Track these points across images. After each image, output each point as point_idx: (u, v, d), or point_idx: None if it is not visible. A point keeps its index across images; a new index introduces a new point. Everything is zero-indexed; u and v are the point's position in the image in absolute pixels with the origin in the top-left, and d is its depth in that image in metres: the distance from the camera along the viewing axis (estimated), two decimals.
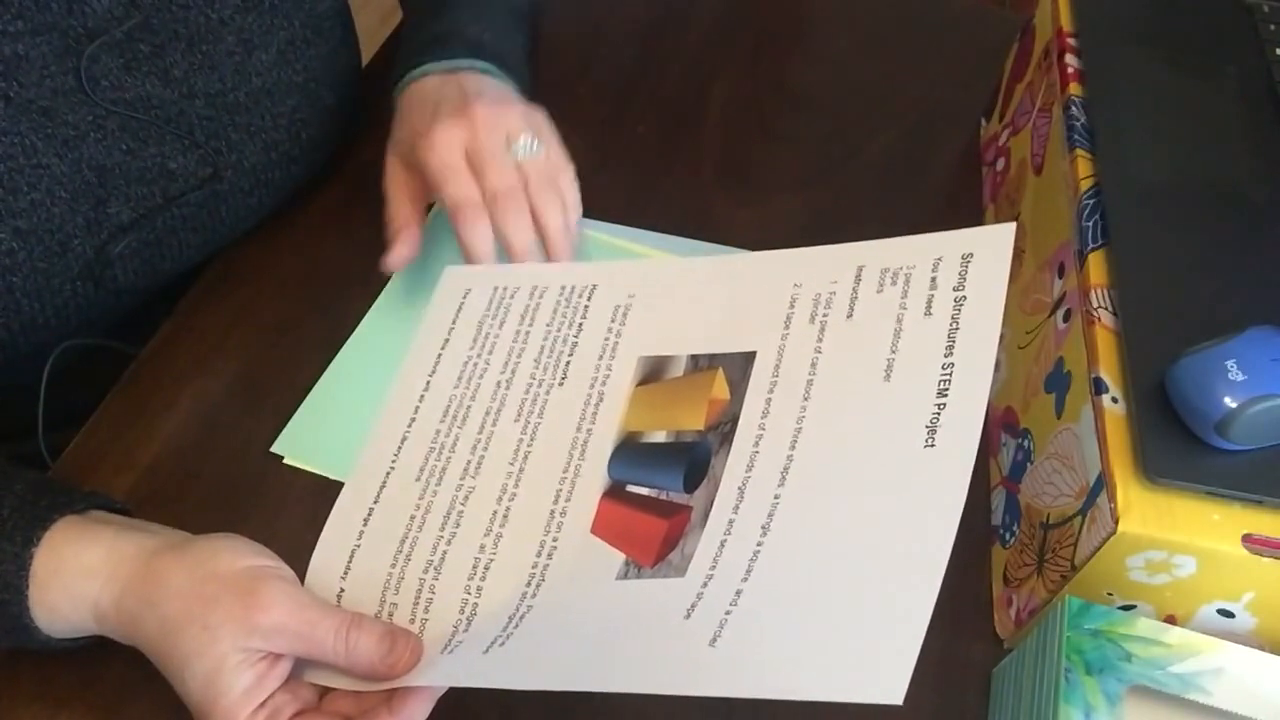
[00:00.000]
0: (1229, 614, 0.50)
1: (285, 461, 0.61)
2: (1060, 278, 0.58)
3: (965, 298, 0.50)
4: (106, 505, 0.53)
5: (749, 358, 0.54)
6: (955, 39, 0.88)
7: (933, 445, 0.46)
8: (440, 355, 0.61)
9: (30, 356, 0.62)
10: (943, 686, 0.55)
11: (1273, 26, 0.67)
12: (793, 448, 0.49)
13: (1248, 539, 0.47)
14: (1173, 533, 0.47)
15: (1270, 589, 0.48)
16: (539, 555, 0.52)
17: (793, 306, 0.55)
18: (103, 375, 0.64)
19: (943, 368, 0.48)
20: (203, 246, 0.67)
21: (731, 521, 0.48)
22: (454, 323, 0.62)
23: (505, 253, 0.63)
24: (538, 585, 0.51)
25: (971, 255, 0.51)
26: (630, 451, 0.54)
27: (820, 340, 0.53)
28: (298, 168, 0.69)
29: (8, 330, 0.60)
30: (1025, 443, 0.58)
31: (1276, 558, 0.46)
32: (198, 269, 0.69)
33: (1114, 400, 0.50)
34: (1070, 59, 0.64)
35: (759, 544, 0.47)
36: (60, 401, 0.62)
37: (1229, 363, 0.47)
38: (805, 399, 0.51)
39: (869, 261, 0.54)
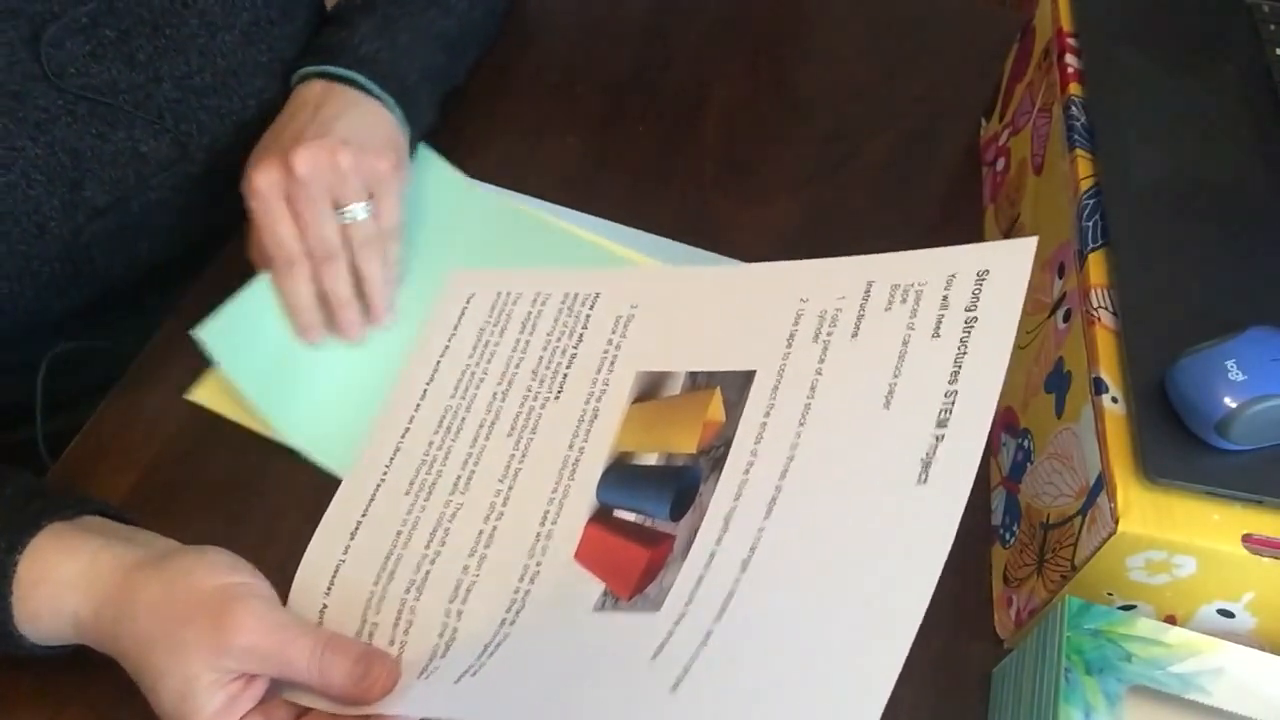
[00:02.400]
0: (1229, 614, 0.50)
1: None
2: (1060, 278, 0.58)
3: (976, 319, 0.48)
4: (99, 510, 0.53)
5: (748, 377, 0.53)
6: (955, 39, 0.88)
7: (925, 482, 0.44)
8: (439, 362, 0.61)
9: (15, 342, 0.62)
10: (943, 686, 0.55)
11: (1273, 26, 0.67)
12: (783, 478, 0.48)
13: (1248, 539, 0.47)
14: (1173, 533, 0.47)
15: (1270, 589, 0.48)
16: (521, 580, 0.51)
17: (797, 323, 0.53)
18: (97, 369, 0.65)
19: (945, 395, 0.46)
20: (178, 229, 0.68)
21: (713, 554, 0.47)
22: (455, 329, 0.62)
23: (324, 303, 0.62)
24: (517, 612, 0.50)
25: (987, 272, 0.49)
26: (620, 474, 0.53)
27: (822, 361, 0.51)
28: None
29: None
30: (1025, 443, 0.58)
31: (1276, 558, 0.46)
32: (179, 259, 0.69)
33: (1114, 400, 0.50)
34: (1070, 59, 0.64)
35: (736, 580, 0.45)
36: (52, 393, 0.62)
37: (1229, 363, 0.47)
38: (801, 424, 0.49)
39: (879, 276, 0.53)
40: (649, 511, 0.51)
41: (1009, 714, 0.52)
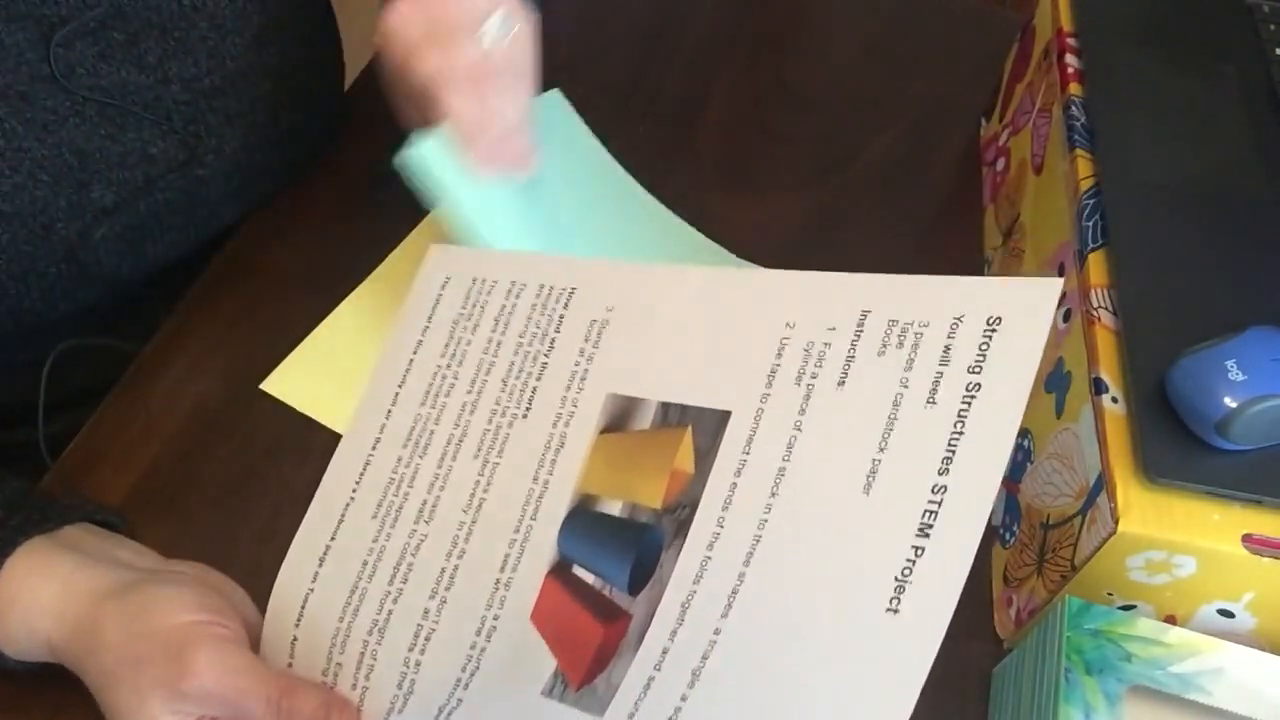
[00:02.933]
0: (1229, 614, 0.50)
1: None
2: (1060, 278, 0.58)
3: (980, 387, 0.42)
4: (85, 517, 0.53)
5: (722, 419, 0.48)
6: (955, 39, 0.88)
7: (896, 610, 0.40)
8: (412, 361, 0.59)
9: (19, 342, 0.62)
10: (943, 686, 0.55)
11: (1273, 26, 0.67)
12: (746, 564, 0.44)
13: (1248, 539, 0.47)
14: (1173, 533, 0.47)
15: (1270, 589, 0.48)
16: (478, 635, 0.50)
17: (780, 357, 0.48)
18: (99, 368, 0.65)
19: (933, 490, 0.41)
20: (185, 231, 0.67)
21: (665, 652, 0.45)
22: (429, 321, 0.60)
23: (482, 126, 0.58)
24: (471, 674, 0.49)
25: (1000, 320, 0.43)
26: (582, 524, 0.51)
27: (802, 413, 0.46)
28: (279, 153, 0.69)
29: None
30: (1025, 443, 0.58)
31: (1276, 558, 0.46)
32: (185, 259, 0.69)
33: (1114, 400, 0.50)
34: (1070, 59, 0.64)
35: (683, 698, 0.43)
36: (54, 392, 0.62)
37: (1229, 363, 0.47)
38: (772, 495, 0.45)
39: (877, 306, 0.47)
40: (607, 577, 0.49)
41: (1009, 714, 0.51)
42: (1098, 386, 0.50)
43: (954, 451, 0.41)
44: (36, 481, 0.59)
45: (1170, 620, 0.51)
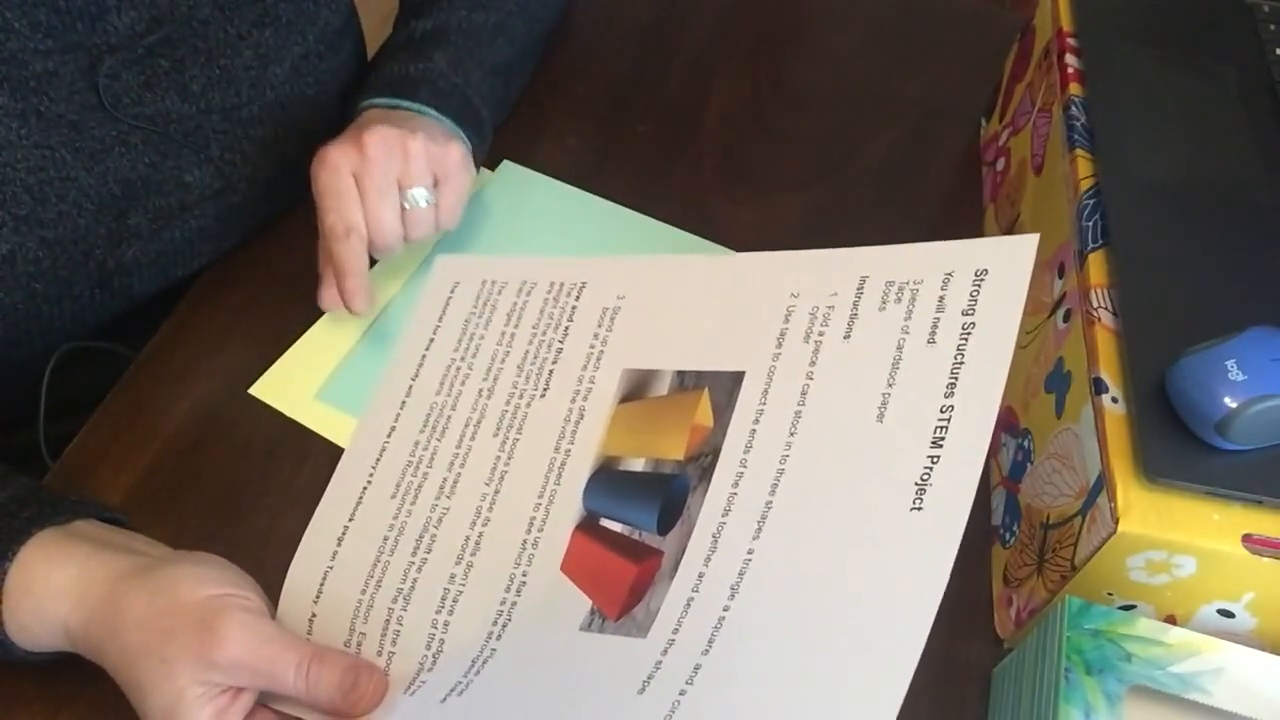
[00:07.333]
0: (1229, 614, 0.50)
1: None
2: (1060, 278, 0.58)
3: (974, 325, 0.46)
4: (94, 514, 0.53)
5: (737, 379, 0.51)
6: (955, 39, 0.88)
7: (920, 508, 0.43)
8: (425, 356, 0.60)
9: (39, 356, 0.62)
10: (943, 686, 0.55)
11: (1273, 26, 0.67)
12: (772, 493, 0.47)
13: (1248, 539, 0.47)
14: (1173, 533, 0.47)
15: (1270, 589, 0.48)
16: (508, 591, 0.51)
17: (788, 321, 0.51)
18: (101, 369, 0.65)
19: (940, 410, 0.44)
20: (213, 253, 0.69)
21: (701, 575, 0.46)
22: (440, 320, 0.61)
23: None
24: (504, 625, 0.50)
25: (986, 272, 0.47)
26: (606, 480, 0.52)
27: (813, 364, 0.49)
28: (306, 177, 0.70)
29: (25, 333, 0.60)
30: (1025, 443, 0.58)
31: (1276, 558, 0.46)
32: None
33: (1114, 400, 0.50)
34: (1070, 59, 0.64)
35: (725, 608, 0.45)
36: (56, 393, 0.62)
37: (1229, 363, 0.47)
38: (791, 434, 0.48)
39: (873, 271, 0.51)
40: (636, 523, 0.50)
41: (1009, 714, 0.51)
42: (1098, 386, 0.50)
43: (956, 378, 0.45)
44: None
45: (1170, 620, 0.51)
